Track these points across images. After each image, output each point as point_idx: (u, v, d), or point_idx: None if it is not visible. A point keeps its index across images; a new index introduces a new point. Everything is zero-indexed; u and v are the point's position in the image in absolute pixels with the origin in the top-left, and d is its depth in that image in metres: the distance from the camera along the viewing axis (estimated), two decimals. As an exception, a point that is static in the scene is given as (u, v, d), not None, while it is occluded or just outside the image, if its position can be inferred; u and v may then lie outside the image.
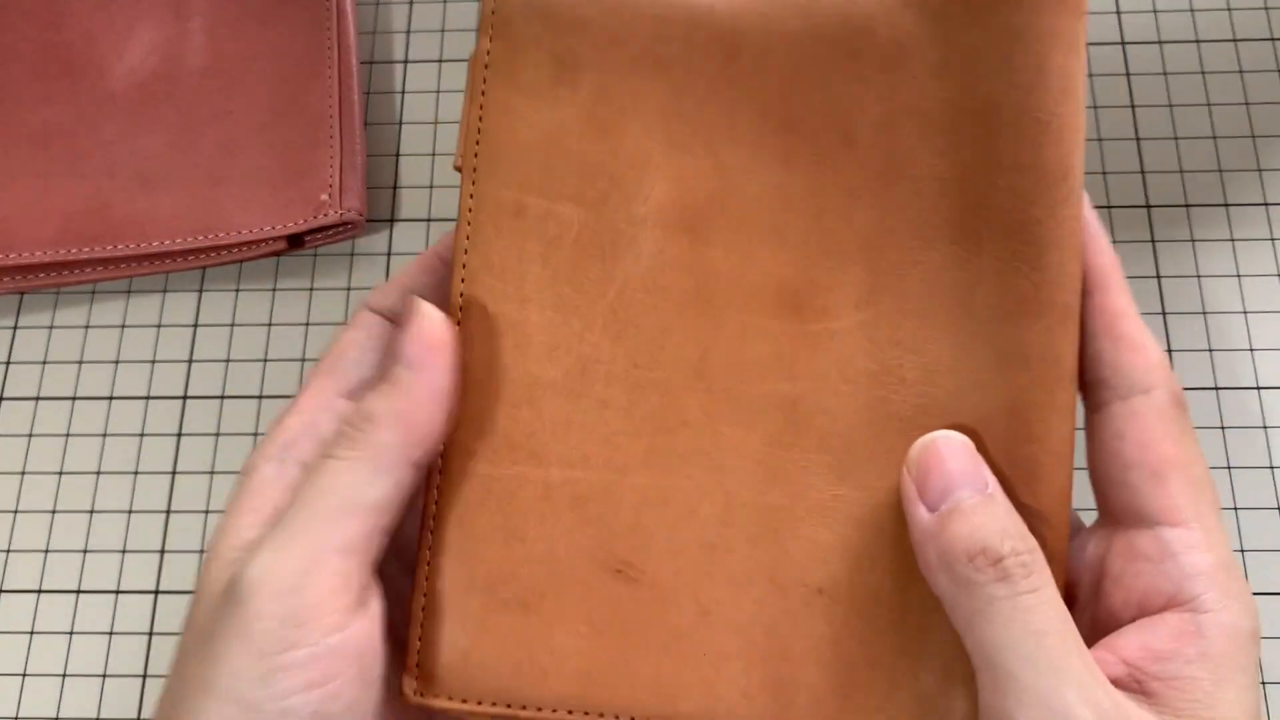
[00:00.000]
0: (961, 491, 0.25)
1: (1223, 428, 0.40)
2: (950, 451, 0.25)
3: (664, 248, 0.28)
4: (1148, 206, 0.43)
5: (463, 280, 0.28)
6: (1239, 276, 0.42)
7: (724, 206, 0.28)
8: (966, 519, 0.24)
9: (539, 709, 0.26)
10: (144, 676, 0.39)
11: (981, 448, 0.26)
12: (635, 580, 0.27)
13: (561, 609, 0.26)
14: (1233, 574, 0.25)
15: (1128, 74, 0.45)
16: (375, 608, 0.26)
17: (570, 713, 0.26)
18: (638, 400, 0.27)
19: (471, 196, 0.28)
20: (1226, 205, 0.43)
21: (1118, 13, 0.47)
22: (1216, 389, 0.41)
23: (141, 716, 0.38)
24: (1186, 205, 0.43)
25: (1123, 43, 0.46)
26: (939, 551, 0.24)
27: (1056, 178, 0.26)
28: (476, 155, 0.28)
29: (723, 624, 0.26)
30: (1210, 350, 0.41)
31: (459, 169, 0.29)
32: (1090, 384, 0.27)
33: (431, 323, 0.27)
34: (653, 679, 0.26)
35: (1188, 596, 0.25)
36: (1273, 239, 0.43)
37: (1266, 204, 0.43)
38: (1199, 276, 0.42)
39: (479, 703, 0.26)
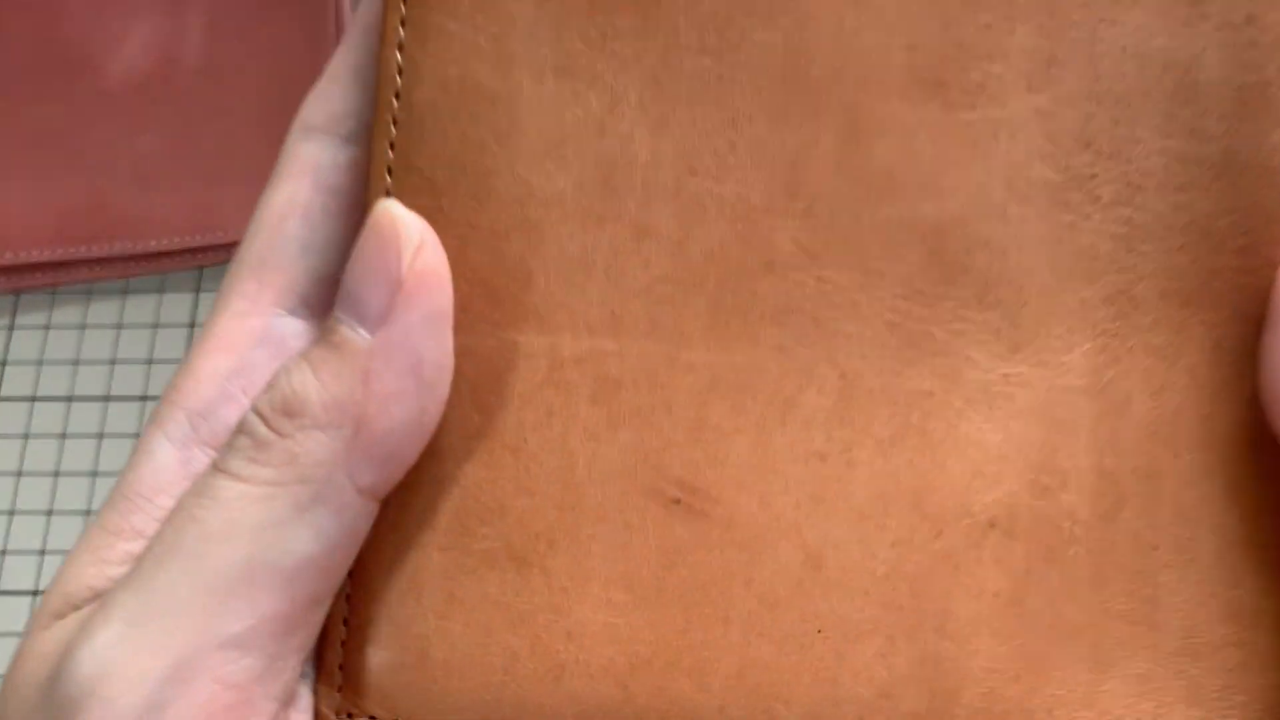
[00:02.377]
0: None
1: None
2: None
3: None
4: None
5: (403, 24, 0.18)
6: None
7: None
8: None
9: None
10: (141, 678, 0.39)
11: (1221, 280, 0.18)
12: (702, 513, 0.18)
13: (583, 563, 0.17)
14: None
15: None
16: (305, 700, 0.17)
17: None
18: (695, 228, 0.18)
19: None
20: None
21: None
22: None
23: (139, 718, 0.38)
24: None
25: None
26: None
27: None
28: None
29: (844, 580, 0.17)
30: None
31: None
32: None
33: (416, 244, 0.16)
34: (736, 672, 0.17)
35: None
36: (1272, 240, 0.43)
37: (1265, 205, 0.43)
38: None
39: None
